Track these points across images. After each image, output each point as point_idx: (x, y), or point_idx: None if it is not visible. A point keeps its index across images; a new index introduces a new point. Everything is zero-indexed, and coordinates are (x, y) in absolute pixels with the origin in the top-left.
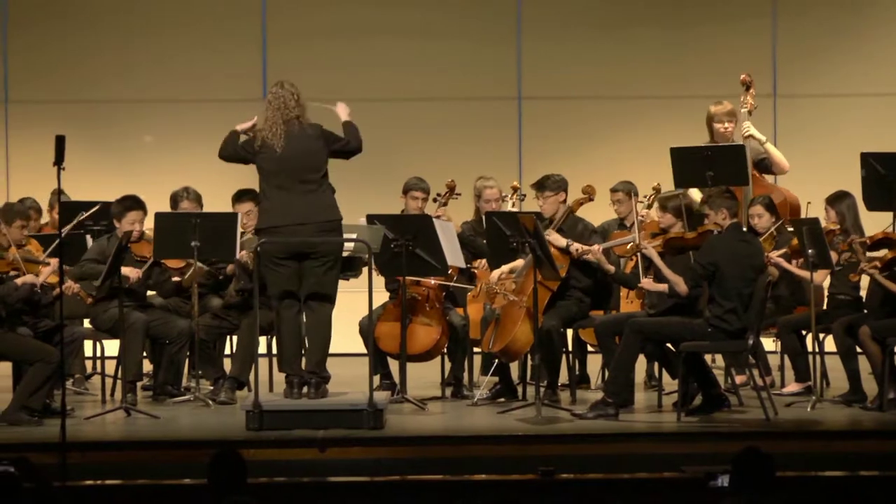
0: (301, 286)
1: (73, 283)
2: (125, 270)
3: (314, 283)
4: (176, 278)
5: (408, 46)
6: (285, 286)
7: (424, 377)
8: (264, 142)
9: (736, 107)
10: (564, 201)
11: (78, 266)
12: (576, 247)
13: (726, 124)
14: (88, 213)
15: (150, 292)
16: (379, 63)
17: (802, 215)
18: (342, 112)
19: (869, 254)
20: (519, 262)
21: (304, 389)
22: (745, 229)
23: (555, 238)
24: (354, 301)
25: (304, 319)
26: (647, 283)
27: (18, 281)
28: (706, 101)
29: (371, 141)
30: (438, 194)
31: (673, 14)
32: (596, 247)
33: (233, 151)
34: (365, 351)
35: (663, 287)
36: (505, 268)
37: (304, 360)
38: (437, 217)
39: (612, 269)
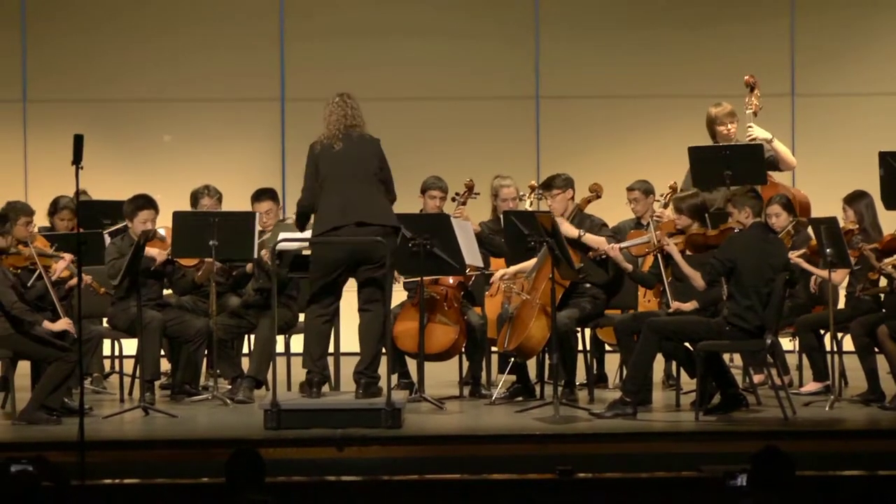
0: (342, 290)
1: (84, 274)
2: (151, 251)
3: (369, 291)
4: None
5: (426, 46)
6: (327, 286)
7: (442, 376)
8: (323, 144)
9: (737, 107)
10: (573, 199)
11: (108, 266)
12: (591, 238)
13: (729, 126)
14: (112, 228)
15: (166, 291)
16: (397, 62)
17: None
18: None
19: (886, 261)
20: (527, 264)
21: (358, 388)
22: None
23: (567, 228)
24: None
25: (360, 321)
26: (676, 305)
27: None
28: (726, 100)
29: (389, 140)
30: (457, 193)
31: (691, 13)
32: (614, 246)
33: (311, 195)
34: (383, 350)
35: (693, 304)
36: (512, 269)
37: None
38: (456, 216)
39: (629, 267)
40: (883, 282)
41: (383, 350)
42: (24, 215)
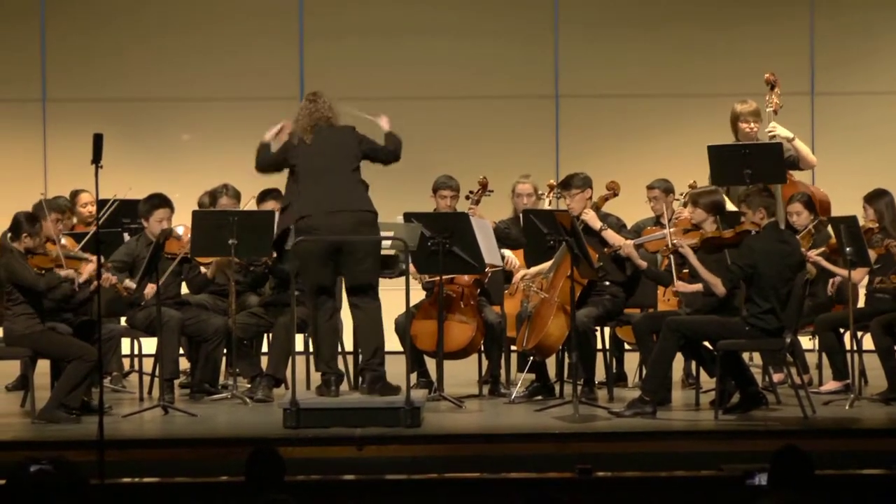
0: (336, 280)
1: (109, 275)
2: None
3: (353, 277)
4: (204, 269)
5: (445, 45)
6: (320, 280)
7: (461, 375)
8: (299, 139)
9: (761, 106)
10: (591, 199)
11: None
12: (611, 235)
13: (752, 124)
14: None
15: (185, 290)
16: (416, 61)
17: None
18: (384, 124)
19: None
20: (547, 264)
21: (363, 384)
22: (782, 227)
23: (591, 218)
24: (390, 299)
25: (353, 320)
26: (680, 285)
27: (62, 273)
28: (744, 98)
29: (408, 139)
30: (471, 192)
31: (710, 12)
32: (628, 242)
33: (269, 159)
34: (402, 349)
35: (697, 287)
36: (532, 270)
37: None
38: (471, 215)
39: (644, 264)
40: None
41: (384, 342)
42: (56, 211)
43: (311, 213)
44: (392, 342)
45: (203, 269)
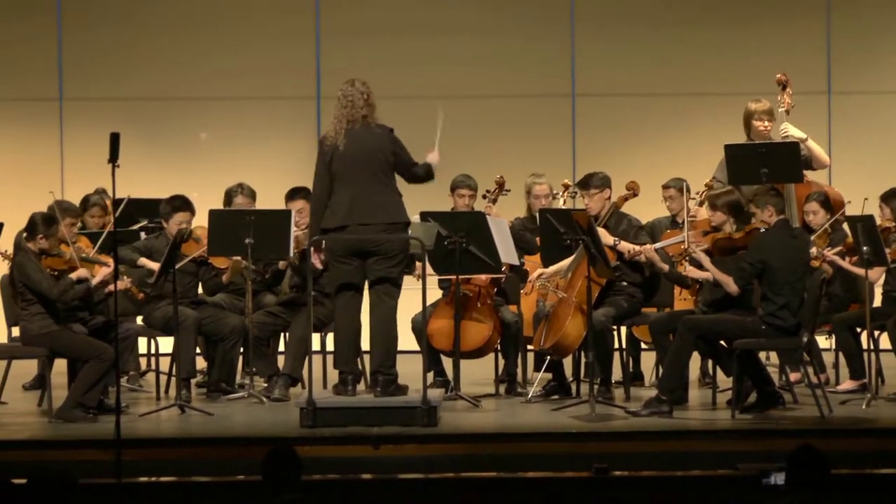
0: (361, 281)
1: (126, 278)
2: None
3: (377, 280)
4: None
5: (461, 43)
6: (344, 280)
7: (478, 374)
8: (330, 142)
9: (775, 106)
10: (609, 198)
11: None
12: (626, 247)
13: (766, 122)
14: (145, 223)
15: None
16: (432, 61)
17: (856, 212)
18: (431, 158)
19: None
20: (564, 263)
21: (376, 387)
22: (797, 226)
23: (602, 234)
24: (407, 298)
25: (369, 318)
26: (691, 271)
27: (73, 275)
28: (761, 98)
29: (425, 139)
30: (488, 191)
31: (727, 11)
32: (648, 247)
33: (321, 188)
34: (418, 348)
35: (707, 275)
36: (550, 269)
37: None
38: (486, 213)
39: (665, 267)
40: None
41: (397, 343)
42: (70, 216)
43: (344, 225)
44: (409, 341)
45: (222, 276)
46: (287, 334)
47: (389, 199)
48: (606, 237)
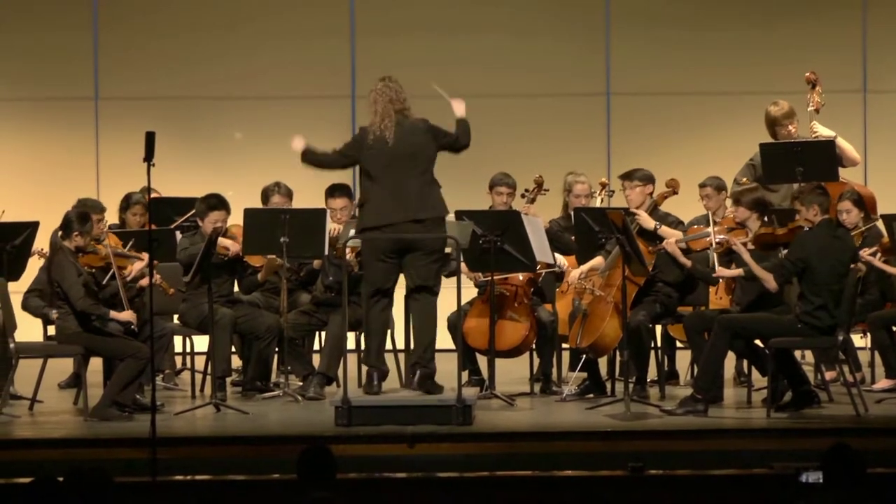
0: (395, 279)
1: (156, 274)
2: (225, 242)
3: (416, 276)
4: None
5: (497, 43)
6: (380, 283)
7: (513, 373)
8: (376, 135)
9: (801, 106)
10: (650, 194)
11: (184, 257)
12: (667, 231)
13: (790, 126)
14: (182, 219)
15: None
16: (468, 60)
17: (892, 211)
18: (458, 108)
19: None
20: (598, 260)
21: (412, 378)
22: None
23: (644, 219)
24: (443, 297)
25: (410, 313)
26: (721, 271)
27: (120, 316)
28: (796, 96)
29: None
30: (526, 190)
31: (762, 9)
32: (670, 241)
33: (328, 160)
34: (454, 347)
35: (738, 272)
36: (584, 267)
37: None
38: (525, 213)
39: (688, 263)
40: None
41: (436, 337)
42: (97, 213)
43: (394, 221)
44: (444, 340)
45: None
46: (322, 333)
47: (433, 193)
48: (648, 221)
